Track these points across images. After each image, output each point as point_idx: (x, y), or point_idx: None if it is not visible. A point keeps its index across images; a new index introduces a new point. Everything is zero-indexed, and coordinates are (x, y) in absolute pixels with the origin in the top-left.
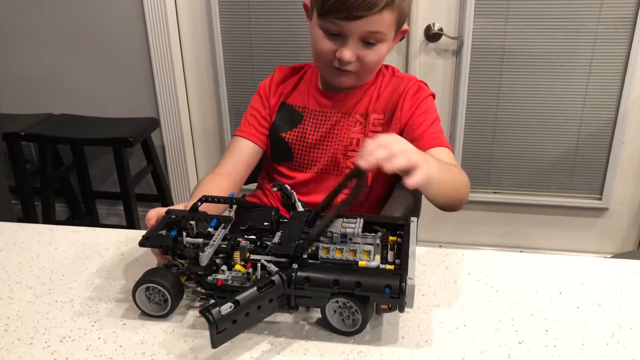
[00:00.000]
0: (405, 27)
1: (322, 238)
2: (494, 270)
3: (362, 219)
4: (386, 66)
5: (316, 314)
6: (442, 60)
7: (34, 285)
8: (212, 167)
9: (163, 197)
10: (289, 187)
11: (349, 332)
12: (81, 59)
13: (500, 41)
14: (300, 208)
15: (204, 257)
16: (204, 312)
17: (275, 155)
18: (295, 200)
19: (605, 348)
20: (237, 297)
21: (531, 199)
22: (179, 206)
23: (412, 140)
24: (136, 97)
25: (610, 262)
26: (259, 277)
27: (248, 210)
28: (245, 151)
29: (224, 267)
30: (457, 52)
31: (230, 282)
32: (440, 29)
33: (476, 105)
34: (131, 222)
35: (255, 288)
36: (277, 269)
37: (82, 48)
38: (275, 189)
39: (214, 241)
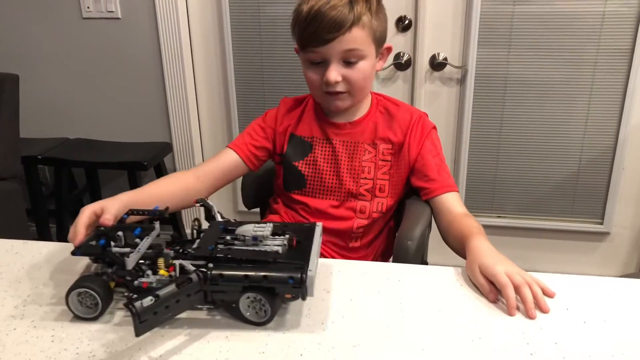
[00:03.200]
0: (388, 45)
1: (236, 242)
2: None
3: (271, 224)
4: (383, 95)
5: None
6: (447, 88)
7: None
8: (221, 191)
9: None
10: (209, 201)
11: (261, 322)
12: (97, 85)
13: (503, 70)
14: (219, 219)
15: (130, 262)
16: (128, 304)
17: (288, 184)
18: (215, 212)
19: None
20: (157, 292)
21: (534, 223)
22: (105, 202)
23: (425, 181)
24: (150, 122)
25: (615, 280)
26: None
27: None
28: (227, 161)
29: (149, 272)
30: (462, 81)
31: (154, 284)
32: (445, 59)
33: (480, 132)
34: None
35: (174, 284)
36: (194, 268)
37: (98, 75)
38: (198, 204)
39: (140, 249)
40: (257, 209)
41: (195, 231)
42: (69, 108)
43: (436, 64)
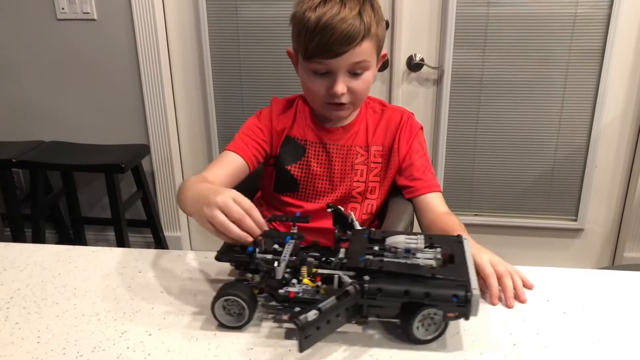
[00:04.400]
0: (384, 51)
1: (386, 253)
2: None
3: (422, 236)
4: (372, 98)
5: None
6: (424, 89)
7: (60, 301)
8: None
9: (152, 222)
10: (342, 208)
11: (428, 340)
12: (72, 87)
13: (478, 71)
14: (357, 227)
15: (280, 271)
16: (293, 318)
17: (280, 187)
18: (352, 219)
19: (590, 347)
20: (320, 306)
21: (510, 221)
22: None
23: (410, 180)
24: (127, 124)
25: (592, 272)
26: (325, 290)
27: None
28: (234, 165)
29: (294, 281)
30: (438, 81)
31: (301, 294)
32: (422, 60)
33: (456, 132)
34: (122, 247)
35: (334, 297)
36: (350, 280)
37: (73, 77)
38: (330, 209)
39: (285, 256)
40: None
41: (336, 241)
42: (44, 110)
43: (413, 65)
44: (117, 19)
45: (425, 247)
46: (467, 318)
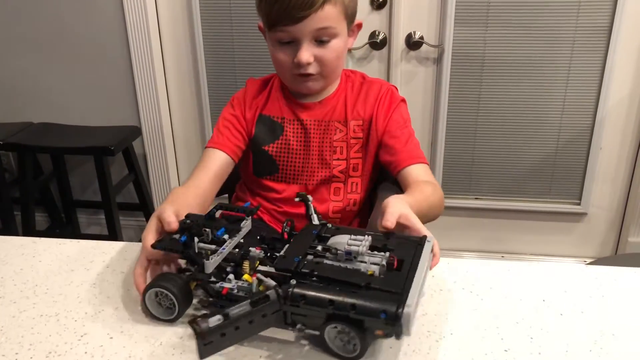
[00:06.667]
0: (358, 21)
1: (327, 254)
2: (478, 278)
3: (370, 237)
4: (353, 71)
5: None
6: (423, 68)
7: (18, 299)
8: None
9: (145, 206)
10: (310, 198)
11: (348, 357)
12: (61, 67)
13: (480, 49)
14: (315, 221)
15: (210, 265)
16: (192, 322)
17: (259, 170)
18: (311, 212)
19: (589, 355)
20: (228, 310)
21: (512, 205)
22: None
23: (391, 154)
24: (117, 105)
25: (592, 269)
26: (265, 287)
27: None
28: (216, 163)
29: (231, 276)
30: (438, 60)
31: (235, 291)
32: (421, 37)
33: (457, 113)
34: (113, 232)
35: (248, 302)
36: (274, 283)
37: (62, 56)
38: (298, 199)
39: (224, 249)
40: (226, 195)
41: (288, 233)
42: (32, 91)
43: (412, 43)
44: None
45: (375, 250)
46: (397, 337)
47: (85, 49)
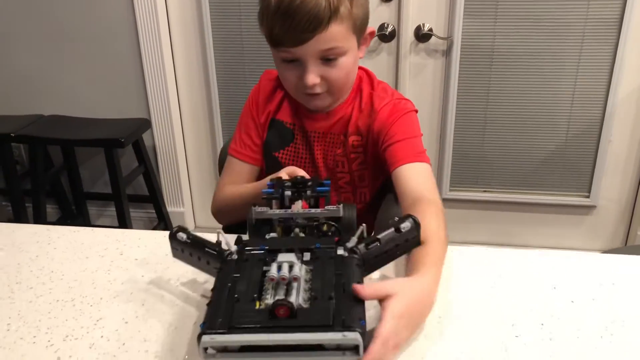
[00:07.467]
0: (370, 29)
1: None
2: (488, 266)
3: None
4: (369, 78)
5: None
6: (432, 60)
7: (34, 285)
8: (203, 168)
9: (154, 197)
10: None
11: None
12: (72, 60)
13: (489, 41)
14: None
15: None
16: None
17: (269, 174)
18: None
19: (599, 341)
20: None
21: (520, 197)
22: None
23: (389, 156)
24: (127, 97)
25: (603, 257)
26: None
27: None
28: (244, 173)
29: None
30: (447, 53)
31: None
32: (430, 30)
33: (466, 105)
34: (123, 223)
35: None
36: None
37: (72, 49)
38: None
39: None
40: None
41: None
42: (43, 84)
43: (421, 35)
44: None
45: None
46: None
47: (95, 42)
